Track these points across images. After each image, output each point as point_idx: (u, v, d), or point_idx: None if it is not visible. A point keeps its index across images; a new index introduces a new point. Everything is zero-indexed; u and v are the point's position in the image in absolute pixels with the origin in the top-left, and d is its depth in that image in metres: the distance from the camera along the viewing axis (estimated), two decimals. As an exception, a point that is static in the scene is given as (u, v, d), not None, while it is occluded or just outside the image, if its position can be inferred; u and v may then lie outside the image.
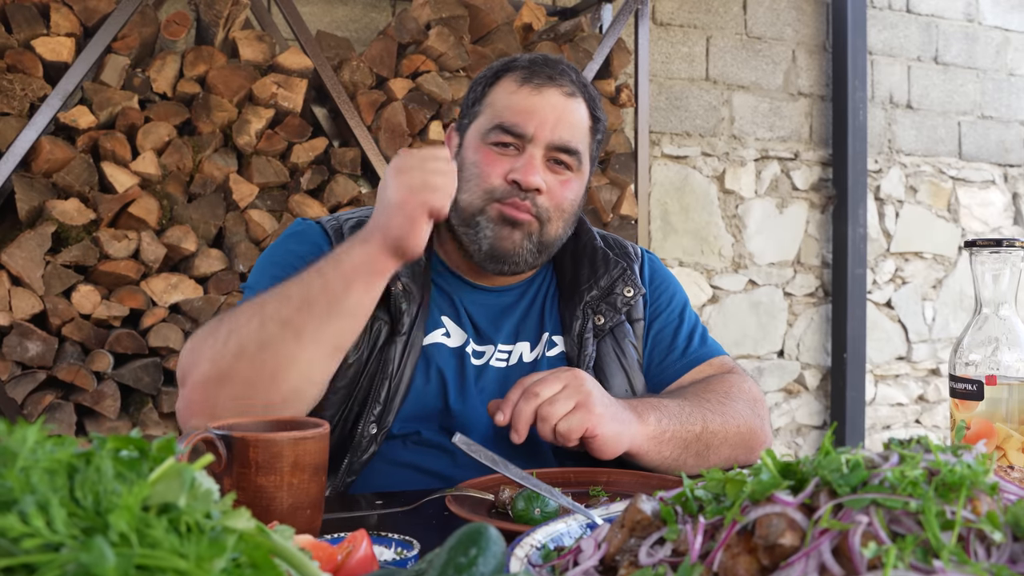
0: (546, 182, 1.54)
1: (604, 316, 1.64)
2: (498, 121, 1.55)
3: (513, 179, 1.52)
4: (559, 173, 1.56)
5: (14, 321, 2.71)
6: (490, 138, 1.55)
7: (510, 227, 1.54)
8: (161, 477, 0.58)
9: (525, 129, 1.53)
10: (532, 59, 1.59)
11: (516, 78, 1.57)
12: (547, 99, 1.54)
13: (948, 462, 0.68)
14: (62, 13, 2.82)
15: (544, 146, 1.54)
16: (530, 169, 1.52)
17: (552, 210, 1.56)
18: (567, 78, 1.57)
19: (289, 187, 3.11)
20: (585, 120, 1.59)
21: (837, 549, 0.63)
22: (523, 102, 1.54)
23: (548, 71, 1.56)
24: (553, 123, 1.53)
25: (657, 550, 0.72)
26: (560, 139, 1.54)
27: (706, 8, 4.28)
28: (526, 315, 1.68)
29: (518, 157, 1.54)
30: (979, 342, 1.33)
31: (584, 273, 1.67)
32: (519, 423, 1.35)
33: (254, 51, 3.05)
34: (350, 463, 1.52)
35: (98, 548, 0.51)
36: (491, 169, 1.54)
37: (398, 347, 1.53)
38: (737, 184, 4.37)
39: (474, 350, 1.62)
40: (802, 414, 4.57)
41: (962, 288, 4.91)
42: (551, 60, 1.60)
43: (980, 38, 4.95)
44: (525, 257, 1.57)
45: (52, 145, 2.77)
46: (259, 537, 0.61)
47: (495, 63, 1.64)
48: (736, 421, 1.55)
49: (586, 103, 1.60)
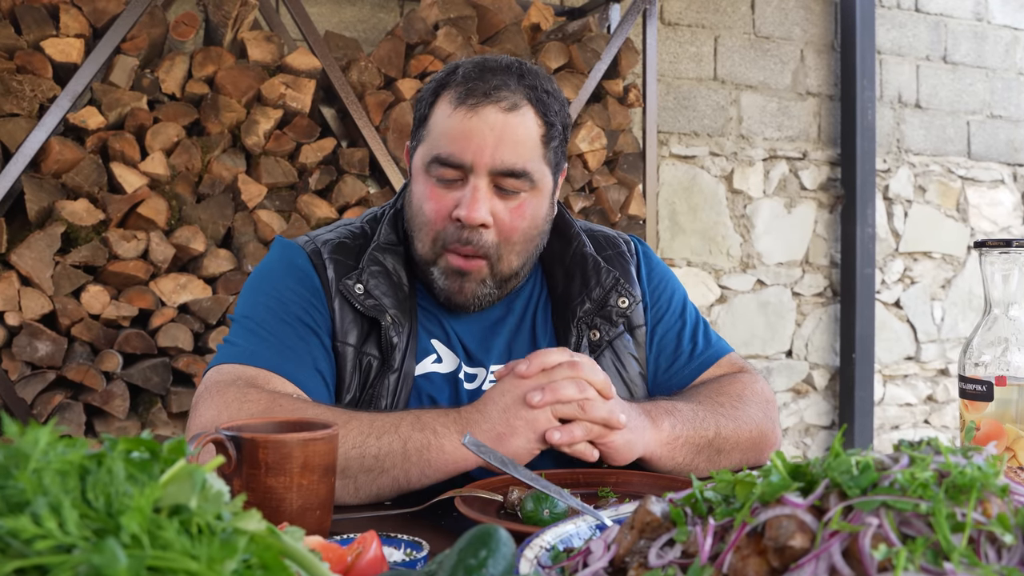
0: (495, 212, 1.45)
1: (599, 330, 1.58)
2: (435, 153, 1.45)
3: (456, 216, 1.44)
4: (509, 199, 1.47)
5: (24, 321, 2.72)
6: (431, 171, 1.47)
7: (460, 279, 1.49)
8: (172, 479, 0.58)
9: (463, 159, 1.43)
10: (468, 72, 1.46)
11: (452, 98, 1.45)
12: (484, 120, 1.42)
13: (958, 464, 0.68)
14: (71, 14, 2.83)
15: (486, 173, 1.43)
16: (473, 204, 1.43)
17: (501, 245, 1.48)
18: (506, 88, 1.44)
19: (297, 187, 3.12)
20: (533, 131, 1.46)
21: (847, 551, 0.63)
22: (458, 127, 1.43)
23: (484, 86, 1.43)
24: (493, 147, 1.42)
25: (667, 552, 0.71)
26: (502, 163, 1.43)
27: (714, 8, 4.28)
28: (517, 331, 1.62)
29: (463, 188, 1.45)
30: (989, 343, 1.33)
31: (575, 286, 1.59)
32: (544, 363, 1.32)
33: (262, 52, 3.05)
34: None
35: (110, 550, 0.51)
36: (436, 209, 1.47)
37: (390, 383, 1.48)
38: (745, 184, 4.36)
39: (466, 374, 1.57)
40: (810, 414, 4.56)
41: (971, 288, 4.89)
42: (490, 68, 1.47)
43: (989, 37, 4.93)
44: (485, 298, 1.52)
45: (61, 146, 2.78)
46: (270, 538, 0.61)
47: (437, 73, 1.52)
48: (748, 426, 1.54)
49: (535, 109, 1.46)
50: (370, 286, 1.49)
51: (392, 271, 1.53)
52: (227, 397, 1.34)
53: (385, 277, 1.51)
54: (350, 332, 1.50)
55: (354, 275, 1.50)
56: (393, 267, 1.53)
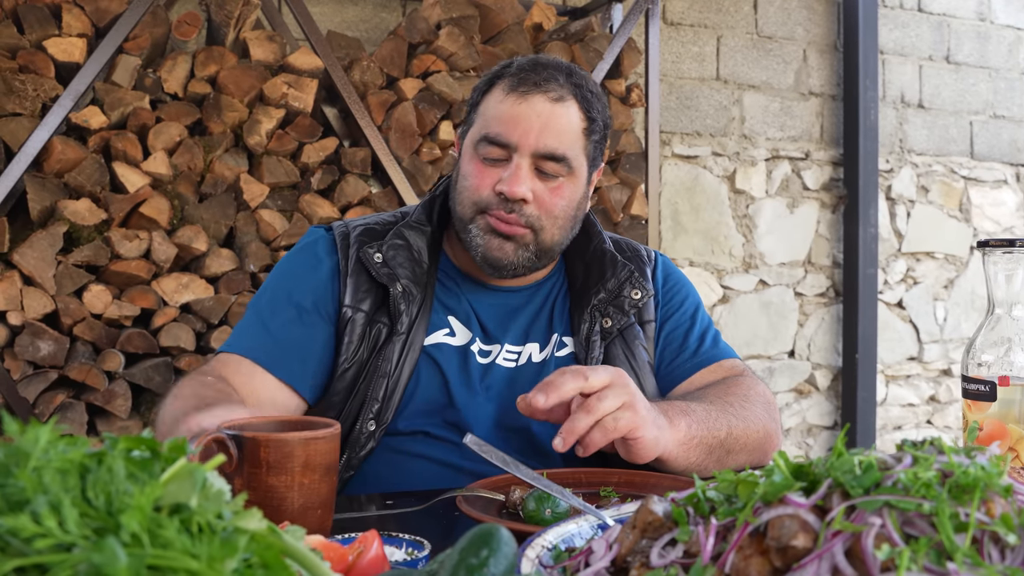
0: (535, 190, 1.55)
1: (611, 319, 1.65)
2: (484, 132, 1.56)
3: (499, 191, 1.54)
4: (548, 181, 1.57)
5: (26, 321, 2.72)
6: (479, 149, 1.57)
7: (500, 239, 1.57)
8: (173, 477, 0.58)
9: (509, 139, 1.54)
10: (522, 64, 1.59)
11: (505, 86, 1.58)
12: (532, 107, 1.54)
13: (962, 464, 0.68)
14: (74, 14, 2.83)
15: (530, 155, 1.54)
16: (515, 180, 1.53)
17: (544, 217, 1.57)
18: (555, 82, 1.56)
19: (300, 187, 3.12)
20: (576, 123, 1.58)
21: (850, 551, 0.63)
22: (508, 111, 1.55)
23: (535, 77, 1.56)
24: (538, 131, 1.53)
25: (669, 551, 0.71)
26: (545, 147, 1.54)
27: (717, 7, 4.27)
28: (536, 317, 1.69)
29: (506, 167, 1.55)
30: (992, 343, 1.32)
31: (593, 276, 1.68)
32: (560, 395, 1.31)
33: (265, 51, 3.05)
34: (348, 458, 1.56)
35: (110, 548, 0.51)
36: (479, 181, 1.57)
37: (396, 346, 1.56)
38: (748, 184, 4.36)
39: (480, 349, 1.64)
40: (813, 414, 4.55)
41: (974, 288, 4.89)
42: (542, 63, 1.59)
43: (992, 37, 4.93)
44: (523, 264, 1.60)
45: (64, 145, 2.78)
46: (270, 538, 0.61)
47: (493, 68, 1.65)
48: (756, 426, 1.55)
49: (579, 104, 1.58)
50: (388, 256, 1.60)
51: (414, 246, 1.63)
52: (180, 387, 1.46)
53: (405, 251, 1.61)
54: (365, 299, 1.60)
55: (375, 245, 1.61)
56: (415, 243, 1.63)
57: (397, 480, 1.55)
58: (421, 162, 3.21)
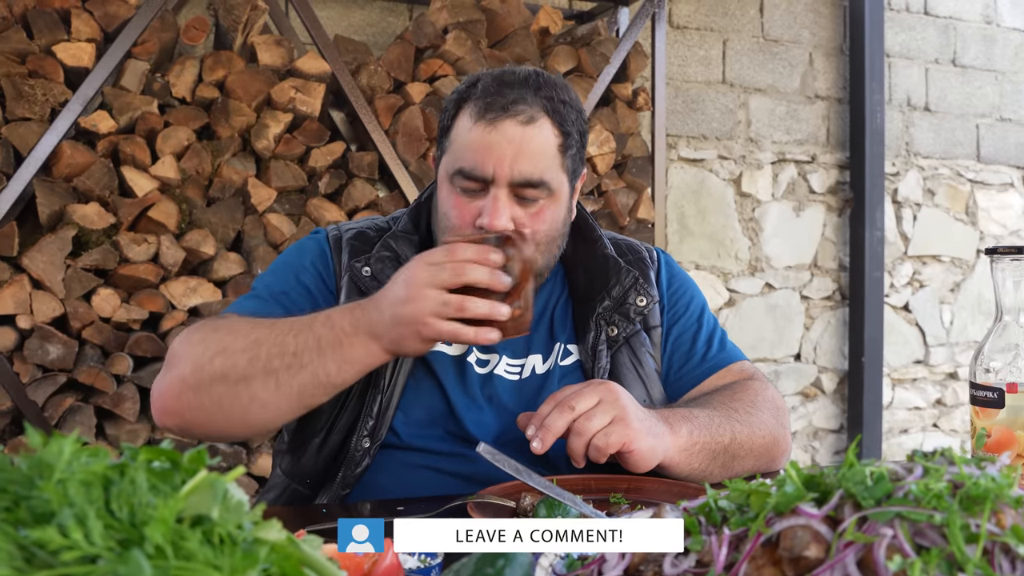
0: (515, 218, 1.50)
1: (617, 327, 1.63)
2: (458, 166, 1.50)
3: (479, 225, 1.49)
4: (529, 206, 1.51)
5: (35, 324, 2.73)
6: (455, 182, 1.52)
7: None
8: (194, 489, 0.58)
9: (484, 172, 1.48)
10: (487, 87, 1.51)
11: (472, 112, 1.50)
12: (503, 134, 1.47)
13: (972, 475, 0.69)
14: (83, 19, 2.84)
15: (506, 184, 1.48)
16: (495, 213, 1.47)
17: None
18: (523, 102, 1.49)
19: (307, 191, 3.13)
20: (550, 142, 1.51)
21: (862, 562, 0.63)
22: (479, 141, 1.48)
23: (502, 100, 1.48)
24: (511, 159, 1.47)
25: (681, 561, 0.72)
26: (520, 174, 1.48)
27: (723, 11, 4.28)
28: (536, 327, 1.65)
29: (485, 197, 1.50)
30: (1000, 349, 1.33)
31: (596, 283, 1.65)
32: (547, 435, 1.35)
33: (272, 56, 3.06)
34: (344, 476, 1.54)
35: (135, 560, 0.52)
36: (460, 216, 1.52)
37: (388, 362, 1.50)
38: (754, 187, 4.36)
39: (478, 359, 1.61)
40: (819, 418, 4.55)
41: (980, 292, 4.88)
42: (507, 82, 1.51)
43: (998, 40, 4.92)
44: None
45: (73, 150, 2.79)
46: (289, 548, 0.62)
47: (459, 85, 1.58)
48: (762, 432, 1.55)
49: (551, 120, 1.51)
50: (376, 270, 1.57)
51: (403, 258, 1.58)
52: (199, 329, 1.49)
53: (393, 262, 1.57)
54: None
55: (363, 258, 1.59)
56: (403, 253, 1.59)
57: (400, 492, 1.53)
58: (428, 166, 3.22)
